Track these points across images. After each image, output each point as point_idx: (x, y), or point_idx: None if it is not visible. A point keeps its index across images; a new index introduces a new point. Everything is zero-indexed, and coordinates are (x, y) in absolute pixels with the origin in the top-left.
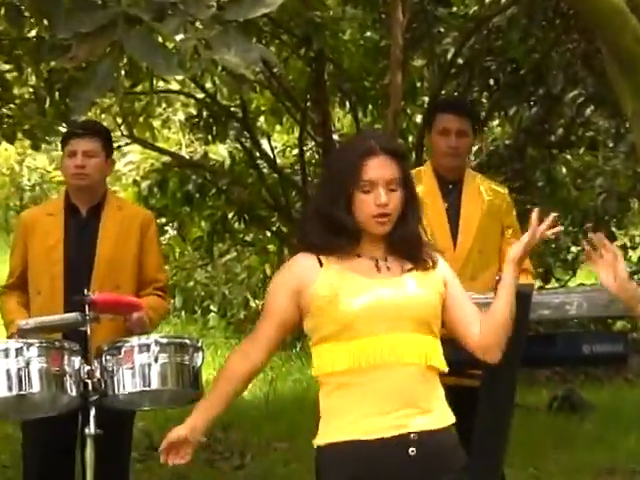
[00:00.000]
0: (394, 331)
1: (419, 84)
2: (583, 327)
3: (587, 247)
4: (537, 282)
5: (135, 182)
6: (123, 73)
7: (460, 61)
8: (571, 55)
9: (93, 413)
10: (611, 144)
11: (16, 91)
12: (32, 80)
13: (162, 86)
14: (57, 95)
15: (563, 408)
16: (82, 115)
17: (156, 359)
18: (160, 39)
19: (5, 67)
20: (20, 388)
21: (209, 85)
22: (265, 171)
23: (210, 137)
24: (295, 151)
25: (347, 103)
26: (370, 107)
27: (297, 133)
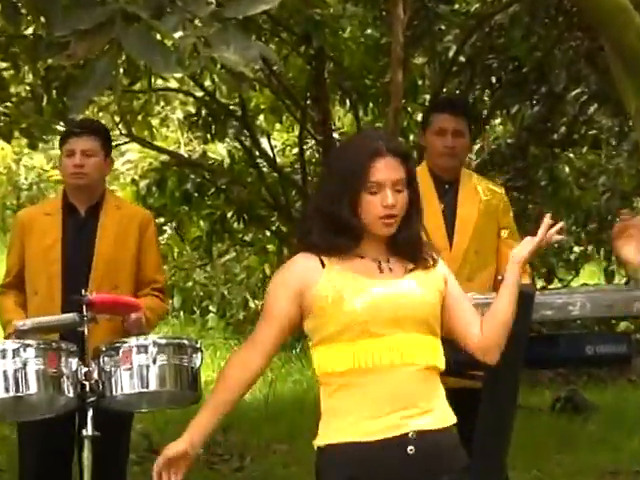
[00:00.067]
0: (395, 332)
1: (420, 82)
2: (586, 328)
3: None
4: (540, 282)
5: (133, 181)
6: (121, 71)
7: (462, 59)
8: (574, 53)
9: (91, 414)
10: (614, 142)
11: (13, 89)
12: (29, 78)
13: (161, 84)
14: (54, 93)
15: (566, 409)
16: (80, 113)
17: (154, 360)
18: (158, 37)
19: (2, 65)
20: (17, 389)
21: (208, 83)
22: (265, 170)
23: (209, 136)
24: (295, 150)
25: (347, 101)
26: (371, 105)
27: (297, 131)
